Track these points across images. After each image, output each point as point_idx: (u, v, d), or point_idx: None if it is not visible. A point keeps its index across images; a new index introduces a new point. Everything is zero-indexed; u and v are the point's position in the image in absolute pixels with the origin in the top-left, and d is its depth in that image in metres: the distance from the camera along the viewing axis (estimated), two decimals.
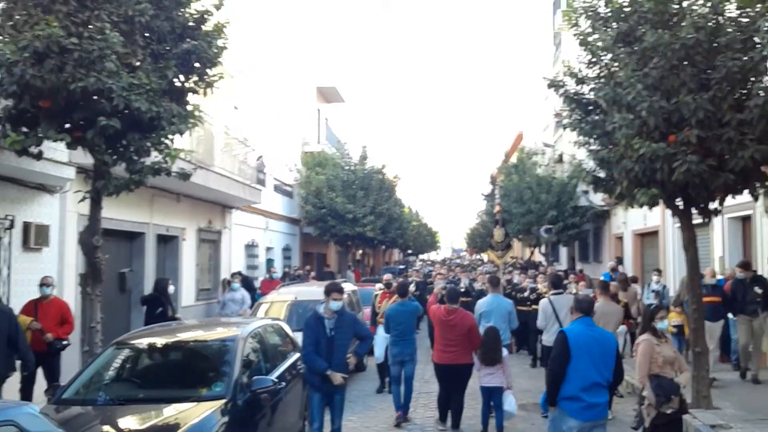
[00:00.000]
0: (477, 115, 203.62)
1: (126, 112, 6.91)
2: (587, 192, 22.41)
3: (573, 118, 9.09)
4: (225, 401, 5.57)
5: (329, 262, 30.68)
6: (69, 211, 10.19)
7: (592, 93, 8.80)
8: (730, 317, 10.76)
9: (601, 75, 8.59)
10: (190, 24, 7.89)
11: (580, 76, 8.97)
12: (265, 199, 19.47)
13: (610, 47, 8.20)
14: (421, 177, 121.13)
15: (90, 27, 6.84)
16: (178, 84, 7.81)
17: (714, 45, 7.50)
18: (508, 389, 7.97)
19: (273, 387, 6.22)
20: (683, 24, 7.52)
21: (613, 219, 22.72)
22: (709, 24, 7.49)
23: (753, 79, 7.41)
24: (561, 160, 27.88)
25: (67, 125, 7.17)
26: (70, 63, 6.58)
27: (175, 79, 7.64)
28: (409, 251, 59.49)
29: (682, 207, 8.72)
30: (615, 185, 8.84)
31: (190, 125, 7.92)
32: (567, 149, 24.23)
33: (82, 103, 6.98)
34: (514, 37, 50.68)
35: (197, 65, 7.84)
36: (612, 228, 23.05)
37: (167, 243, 14.37)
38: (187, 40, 7.74)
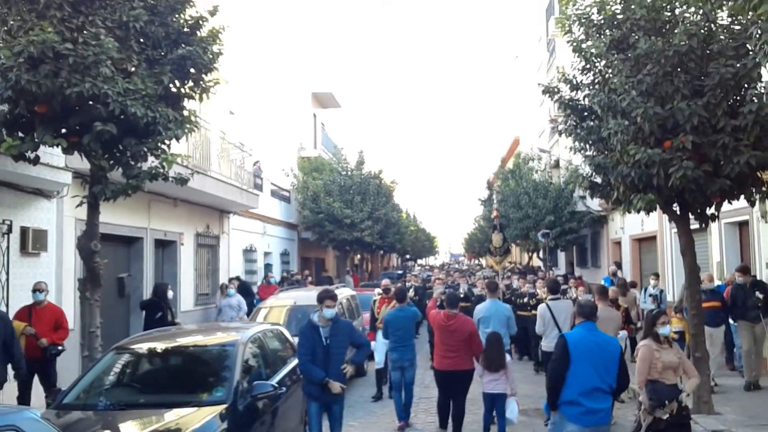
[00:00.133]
0: (473, 120, 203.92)
1: (122, 117, 6.93)
2: (584, 197, 22.45)
3: (568, 124, 9.13)
4: (225, 406, 5.58)
5: (327, 267, 30.68)
6: (66, 216, 10.20)
7: (586, 99, 8.85)
8: (731, 323, 10.65)
9: (596, 81, 8.64)
10: (185, 30, 7.91)
11: (574, 82, 9.01)
12: (263, 204, 19.47)
13: (603, 54, 8.26)
14: (419, 182, 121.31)
15: (85, 32, 6.88)
16: (173, 89, 7.82)
17: (707, 52, 7.56)
18: (512, 396, 7.85)
19: (273, 392, 6.22)
20: (676, 31, 7.59)
21: (611, 224, 22.76)
22: (702, 31, 7.55)
23: (746, 86, 7.47)
24: (557, 165, 27.95)
25: (63, 130, 7.19)
26: (65, 68, 6.60)
27: (171, 85, 7.66)
28: (408, 256, 59.52)
29: (678, 212, 8.76)
30: (611, 191, 8.88)
31: (186, 130, 7.94)
32: (563, 155, 24.32)
33: (77, 109, 7.00)
34: (509, 43, 50.72)
35: (192, 71, 7.85)
36: (610, 233, 23.08)
37: (165, 248, 14.37)
38: (183, 45, 7.76)
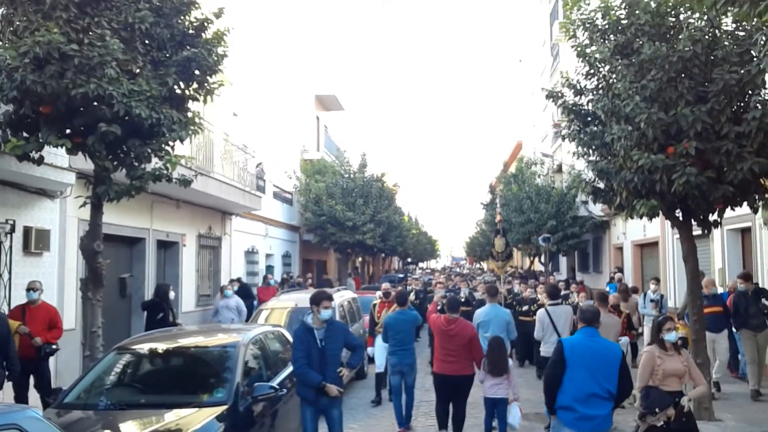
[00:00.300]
0: (476, 124, 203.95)
1: (126, 118, 6.95)
2: (586, 202, 22.47)
3: (572, 128, 9.13)
4: (226, 407, 5.57)
5: (329, 269, 30.70)
6: (69, 216, 10.22)
7: (590, 104, 8.85)
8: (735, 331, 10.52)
9: (600, 86, 8.64)
10: (190, 32, 7.93)
11: (578, 87, 9.02)
12: (265, 206, 19.50)
13: (608, 59, 8.26)
14: (421, 185, 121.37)
15: (90, 34, 6.90)
16: (178, 91, 7.83)
17: (711, 58, 7.56)
18: (515, 401, 7.74)
19: (274, 394, 6.20)
20: (680, 37, 7.59)
21: (613, 229, 22.76)
22: (706, 37, 7.56)
23: (750, 92, 7.47)
24: (560, 170, 27.96)
25: (68, 131, 7.21)
26: (70, 69, 6.62)
27: (176, 86, 7.67)
28: (409, 259, 59.50)
29: (681, 218, 8.75)
30: (614, 196, 8.88)
31: (190, 132, 7.95)
32: (566, 159, 24.32)
33: (82, 109, 7.02)
34: (513, 47, 50.76)
35: (197, 73, 7.87)
36: (612, 238, 23.08)
37: (167, 249, 14.39)
38: (187, 47, 7.78)
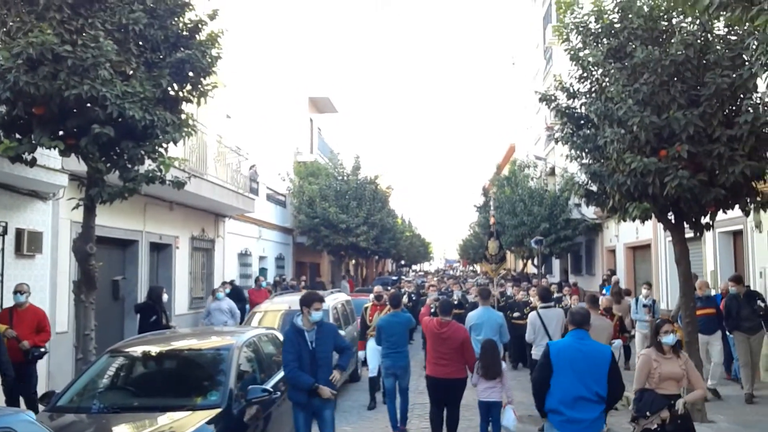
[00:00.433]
0: (469, 127, 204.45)
1: (120, 120, 6.91)
2: (579, 205, 22.55)
3: (565, 131, 9.17)
4: (220, 410, 5.56)
5: (322, 271, 30.66)
6: (62, 218, 10.18)
7: (583, 107, 8.89)
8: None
9: (593, 90, 8.68)
10: (184, 33, 7.90)
11: (571, 90, 9.05)
12: (258, 208, 19.48)
13: (601, 62, 8.30)
14: (414, 187, 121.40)
15: (84, 35, 6.86)
16: (171, 93, 7.80)
17: (703, 62, 7.62)
18: (508, 404, 7.72)
19: (267, 397, 6.18)
20: (673, 41, 7.65)
21: (606, 232, 22.85)
22: (698, 41, 7.61)
23: (742, 96, 7.51)
24: (553, 173, 28.05)
25: (61, 132, 7.17)
26: (63, 70, 6.58)
27: (169, 88, 7.64)
28: (402, 262, 59.51)
29: (673, 221, 8.79)
30: (607, 199, 8.91)
31: (183, 134, 7.93)
32: (559, 162, 24.41)
33: (75, 111, 6.99)
34: (506, 49, 50.92)
35: (191, 74, 7.84)
36: (604, 241, 23.17)
37: (160, 251, 14.34)
38: (181, 49, 7.75)
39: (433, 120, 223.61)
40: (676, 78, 7.64)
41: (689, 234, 8.81)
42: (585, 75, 8.70)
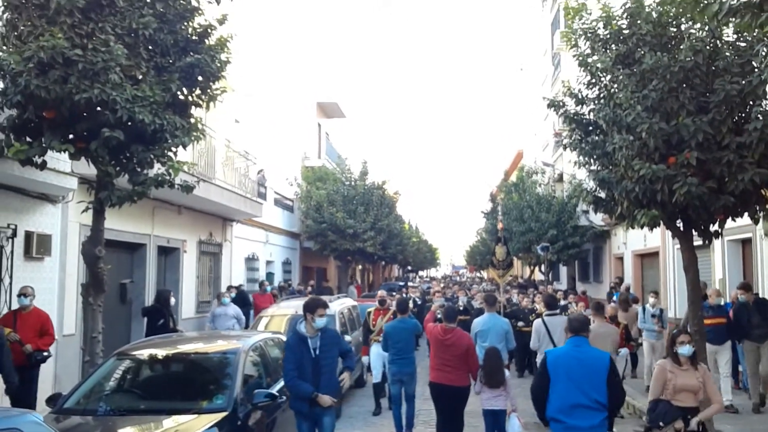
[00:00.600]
0: (477, 132, 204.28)
1: (129, 123, 6.97)
2: (587, 212, 22.47)
3: (573, 138, 9.12)
4: (226, 414, 5.58)
5: (329, 276, 30.67)
6: (71, 221, 10.24)
7: (591, 113, 8.85)
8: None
9: (601, 96, 8.64)
10: (193, 38, 7.97)
11: (579, 96, 9.03)
12: (266, 213, 19.51)
13: (609, 68, 8.27)
14: (422, 193, 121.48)
15: (94, 39, 6.92)
16: (181, 97, 7.86)
17: (712, 68, 7.57)
18: (513, 412, 7.64)
19: (273, 401, 6.18)
20: (682, 47, 7.61)
21: (614, 239, 22.75)
22: (708, 47, 7.57)
23: (752, 103, 7.46)
24: (561, 179, 27.98)
25: (71, 136, 7.23)
26: (74, 74, 6.65)
27: (179, 92, 7.70)
28: (409, 267, 59.42)
29: (682, 228, 8.73)
30: (615, 206, 8.86)
31: (192, 138, 7.98)
32: (567, 168, 24.34)
33: (85, 114, 7.05)
34: (514, 55, 50.94)
35: (200, 79, 7.89)
36: (612, 248, 23.07)
37: (168, 255, 14.40)
38: (191, 53, 7.82)
39: (441, 126, 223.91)
40: (685, 84, 7.60)
41: (698, 242, 8.74)
42: (593, 81, 8.67)
